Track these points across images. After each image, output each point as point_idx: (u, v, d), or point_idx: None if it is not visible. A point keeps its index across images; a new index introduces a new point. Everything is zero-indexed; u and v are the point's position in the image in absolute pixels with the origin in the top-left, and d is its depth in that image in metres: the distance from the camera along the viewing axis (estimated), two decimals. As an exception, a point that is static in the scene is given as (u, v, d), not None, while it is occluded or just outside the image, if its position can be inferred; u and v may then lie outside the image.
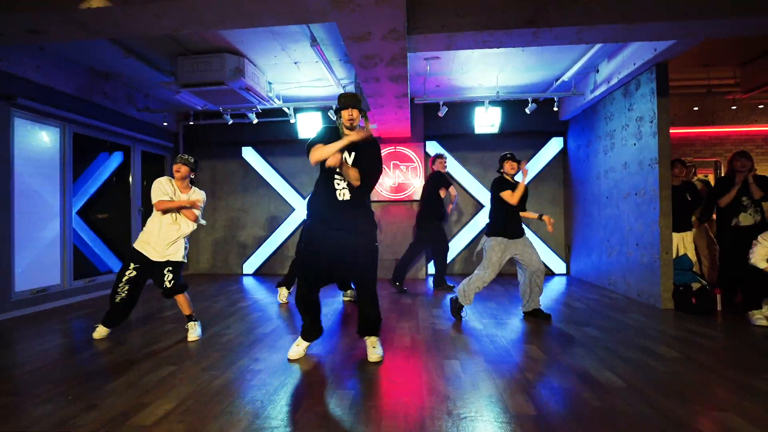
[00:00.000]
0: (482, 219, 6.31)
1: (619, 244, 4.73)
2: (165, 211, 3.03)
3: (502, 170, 3.63)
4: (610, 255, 4.96)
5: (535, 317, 3.61)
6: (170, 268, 3.07)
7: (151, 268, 3.08)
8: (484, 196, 6.29)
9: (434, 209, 5.02)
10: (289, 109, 5.70)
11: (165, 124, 5.93)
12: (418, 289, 5.22)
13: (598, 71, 4.89)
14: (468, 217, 6.34)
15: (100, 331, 3.14)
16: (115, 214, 5.68)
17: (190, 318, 3.16)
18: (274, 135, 6.50)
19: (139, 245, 3.07)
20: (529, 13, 2.98)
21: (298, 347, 2.65)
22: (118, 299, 3.03)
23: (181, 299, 3.12)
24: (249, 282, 5.90)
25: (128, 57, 4.12)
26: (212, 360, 2.62)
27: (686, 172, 4.46)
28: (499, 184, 3.59)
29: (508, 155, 3.61)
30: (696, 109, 5.87)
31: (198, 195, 3.18)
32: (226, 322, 3.58)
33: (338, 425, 1.79)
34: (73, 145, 4.73)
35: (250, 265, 6.66)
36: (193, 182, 3.23)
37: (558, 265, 6.25)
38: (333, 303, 4.37)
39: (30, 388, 2.23)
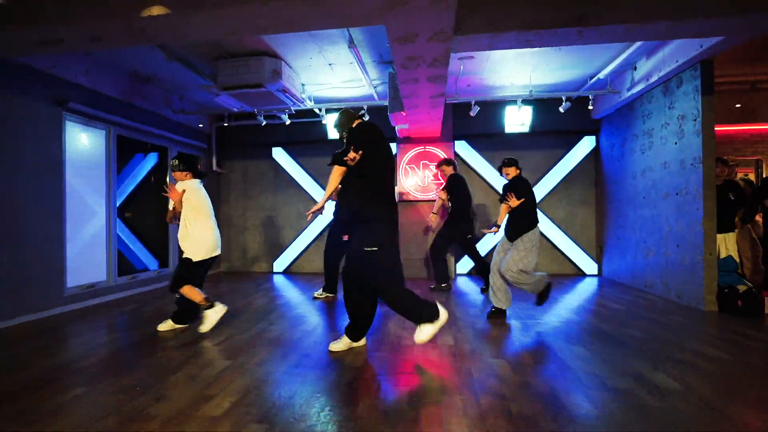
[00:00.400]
0: (511, 219, 6.26)
1: (657, 245, 4.63)
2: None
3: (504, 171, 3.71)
4: (647, 256, 4.86)
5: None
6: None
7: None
8: (513, 195, 6.24)
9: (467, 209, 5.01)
10: (321, 110, 5.78)
11: (201, 125, 6.09)
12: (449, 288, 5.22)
13: (635, 69, 4.80)
14: (494, 216, 6.30)
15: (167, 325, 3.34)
16: (152, 213, 5.86)
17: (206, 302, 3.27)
18: (304, 136, 6.60)
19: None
20: (578, 10, 2.95)
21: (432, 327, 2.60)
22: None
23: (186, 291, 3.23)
24: (280, 280, 6.01)
25: (171, 61, 4.26)
26: (264, 355, 2.70)
27: (728, 171, 4.34)
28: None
29: (504, 160, 3.70)
30: (738, 106, 5.69)
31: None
32: (269, 318, 3.67)
33: (398, 423, 1.83)
34: (117, 146, 4.91)
35: (281, 264, 6.78)
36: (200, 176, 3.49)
37: (589, 266, 6.15)
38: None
39: (100, 379, 2.34)
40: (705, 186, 3.87)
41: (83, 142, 4.45)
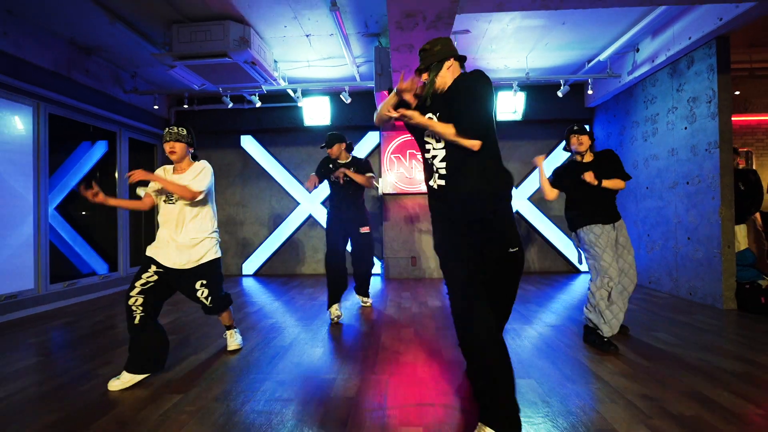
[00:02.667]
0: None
1: (664, 239, 4.32)
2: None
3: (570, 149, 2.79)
4: (651, 250, 4.55)
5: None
6: (203, 282, 2.35)
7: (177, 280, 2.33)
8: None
9: None
10: (296, 91, 5.15)
11: (156, 107, 5.31)
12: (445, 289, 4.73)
13: (638, 50, 4.47)
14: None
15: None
16: (100, 209, 5.06)
17: (229, 327, 2.63)
18: (277, 122, 5.93)
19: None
20: (602, -38, 2.51)
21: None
22: (136, 315, 2.14)
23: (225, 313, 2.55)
24: (250, 284, 5.33)
25: (114, 22, 3.53)
26: (226, 385, 2.09)
27: (735, 160, 4.07)
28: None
29: (573, 127, 2.76)
30: (738, 93, 5.51)
31: (196, 167, 2.36)
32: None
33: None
34: (51, 129, 4.11)
35: (251, 266, 6.09)
36: (195, 158, 2.44)
37: (585, 263, 5.83)
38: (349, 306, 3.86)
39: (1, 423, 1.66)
40: (722, 173, 3.56)
41: (4, 121, 3.63)
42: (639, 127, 4.75)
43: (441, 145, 1.73)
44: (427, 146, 1.78)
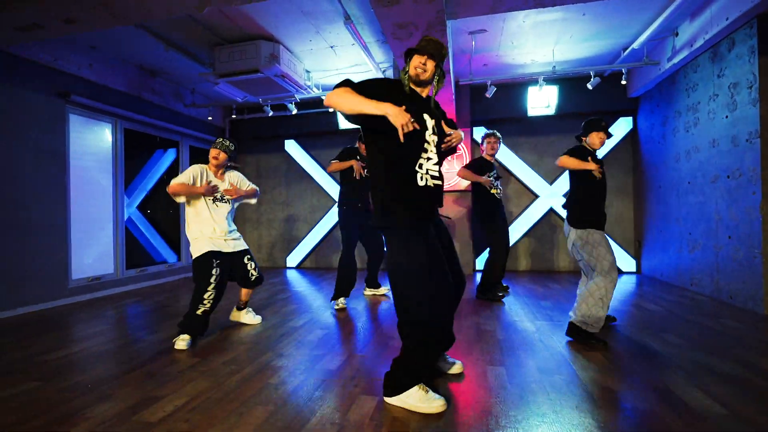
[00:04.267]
0: (536, 211, 5.75)
1: (705, 237, 4.00)
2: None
3: (584, 140, 2.78)
4: (693, 250, 4.22)
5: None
6: (249, 256, 3.01)
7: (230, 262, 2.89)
8: (539, 185, 5.73)
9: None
10: (327, 98, 5.54)
11: (210, 118, 6.05)
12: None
13: (677, 34, 4.16)
14: (520, 209, 5.80)
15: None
16: (172, 208, 5.89)
17: (244, 306, 3.21)
18: (315, 127, 6.41)
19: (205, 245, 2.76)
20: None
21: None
22: (200, 311, 2.66)
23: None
24: (292, 275, 5.86)
25: (169, 50, 4.18)
26: (235, 354, 2.49)
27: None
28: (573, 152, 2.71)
29: (603, 123, 2.71)
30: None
31: (234, 177, 2.99)
32: (261, 314, 3.47)
33: (355, 438, 1.53)
34: (126, 140, 4.94)
35: (294, 259, 6.65)
36: (229, 169, 3.01)
37: (627, 263, 5.51)
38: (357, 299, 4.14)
39: (56, 375, 2.22)
40: (764, 165, 3.24)
41: (89, 136, 4.48)
42: (681, 117, 4.41)
43: (435, 151, 1.85)
44: (426, 146, 1.82)
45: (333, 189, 6.46)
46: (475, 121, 5.85)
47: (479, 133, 5.82)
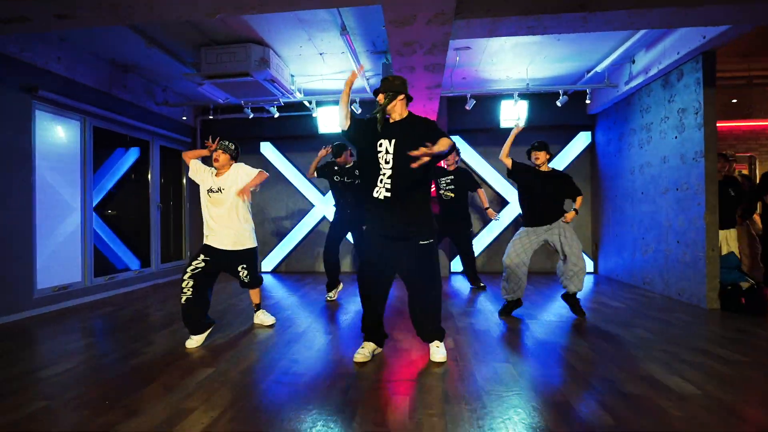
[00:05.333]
0: (507, 216, 6.15)
1: (656, 242, 4.54)
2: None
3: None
4: (645, 253, 4.77)
5: (569, 304, 3.52)
6: (244, 266, 3.07)
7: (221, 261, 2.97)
8: (509, 192, 6.13)
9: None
10: (311, 102, 5.57)
11: (184, 118, 5.82)
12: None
13: (634, 62, 4.70)
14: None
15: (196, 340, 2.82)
16: (133, 210, 5.58)
17: (258, 307, 3.31)
18: (294, 130, 6.37)
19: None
20: (581, -5, 2.80)
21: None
22: (183, 299, 2.76)
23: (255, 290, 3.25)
24: (268, 280, 5.78)
25: (151, 47, 4.00)
26: (250, 362, 2.49)
27: (728, 167, 4.26)
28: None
29: (535, 144, 3.59)
30: (735, 101, 5.64)
31: (235, 170, 3.00)
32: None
33: (402, 435, 1.64)
34: (95, 139, 4.62)
35: (269, 263, 6.55)
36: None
37: (586, 264, 6.05)
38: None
39: (65, 391, 2.11)
40: (707, 180, 3.78)
41: (56, 134, 4.15)
42: (636, 135, 4.97)
43: (390, 166, 2.32)
44: (379, 165, 2.36)
45: (310, 192, 6.45)
46: (451, 130, 6.13)
47: (455, 141, 6.10)
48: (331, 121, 5.95)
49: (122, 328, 3.31)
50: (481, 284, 4.86)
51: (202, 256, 2.86)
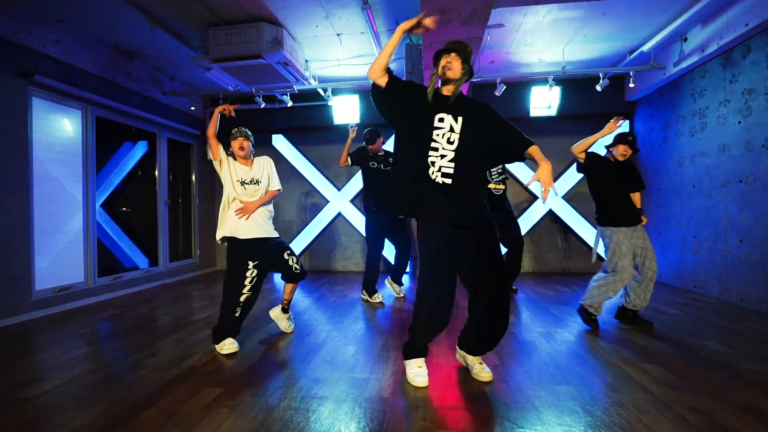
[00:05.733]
0: (535, 213, 5.71)
1: (712, 241, 4.07)
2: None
3: (610, 150, 3.12)
4: (697, 253, 4.29)
5: (632, 323, 3.04)
6: (288, 251, 2.77)
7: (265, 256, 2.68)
8: (536, 186, 5.68)
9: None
10: (326, 90, 5.19)
11: (192, 108, 5.51)
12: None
13: (686, 39, 4.21)
14: (519, 211, 5.73)
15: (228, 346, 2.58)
16: (141, 206, 5.31)
17: (286, 307, 2.98)
18: (307, 121, 6.01)
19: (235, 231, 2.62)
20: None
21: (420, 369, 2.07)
22: (238, 314, 2.57)
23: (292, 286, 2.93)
24: (280, 280, 5.43)
25: (155, 27, 3.67)
26: (263, 381, 2.14)
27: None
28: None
29: (630, 137, 3.03)
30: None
31: (267, 164, 2.78)
32: (268, 329, 3.10)
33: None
34: (97, 131, 4.33)
35: (282, 262, 6.21)
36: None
37: (622, 264, 5.58)
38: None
39: (59, 411, 1.78)
40: (781, 171, 3.30)
41: (55, 123, 3.86)
42: (685, 122, 4.48)
43: (453, 147, 1.92)
44: (435, 144, 1.93)
45: (325, 188, 6.10)
46: (475, 120, 5.70)
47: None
48: (347, 110, 5.58)
49: (124, 335, 3.00)
50: (513, 288, 4.44)
51: (251, 263, 2.59)
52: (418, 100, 1.98)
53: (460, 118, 1.93)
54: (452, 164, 1.91)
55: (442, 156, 1.91)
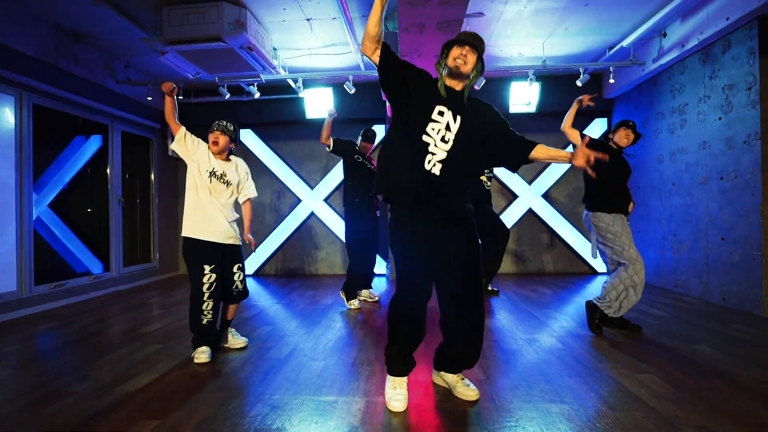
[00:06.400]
0: (515, 212, 5.57)
1: (692, 239, 4.00)
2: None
3: (611, 137, 2.96)
4: (677, 251, 4.23)
5: (619, 328, 2.86)
6: (240, 265, 2.56)
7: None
8: (516, 184, 5.55)
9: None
10: (296, 82, 4.87)
11: (149, 98, 5.05)
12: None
13: (665, 35, 4.13)
14: (498, 209, 5.58)
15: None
16: (93, 206, 4.82)
17: (227, 325, 2.68)
18: (278, 115, 5.66)
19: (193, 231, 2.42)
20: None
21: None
22: (204, 321, 2.36)
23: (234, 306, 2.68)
24: (250, 284, 5.06)
25: (99, 4, 3.26)
26: (211, 408, 1.81)
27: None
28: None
29: (631, 123, 2.89)
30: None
31: (243, 167, 2.63)
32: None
33: None
34: (38, 122, 3.85)
35: (250, 265, 5.83)
36: (232, 152, 2.61)
37: (602, 264, 5.52)
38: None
39: None
40: (764, 166, 3.23)
41: (-18, 111, 3.38)
42: (665, 119, 4.42)
43: (446, 147, 1.71)
44: (427, 138, 1.72)
45: (297, 186, 5.77)
46: (454, 116, 5.51)
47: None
48: (319, 103, 5.27)
49: (53, 354, 2.60)
50: (494, 289, 4.24)
51: (207, 267, 2.37)
52: (421, 86, 1.76)
53: (459, 117, 1.72)
54: (440, 165, 1.70)
55: (432, 153, 1.71)
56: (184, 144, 2.39)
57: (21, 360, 2.51)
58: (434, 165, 1.69)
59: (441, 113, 1.72)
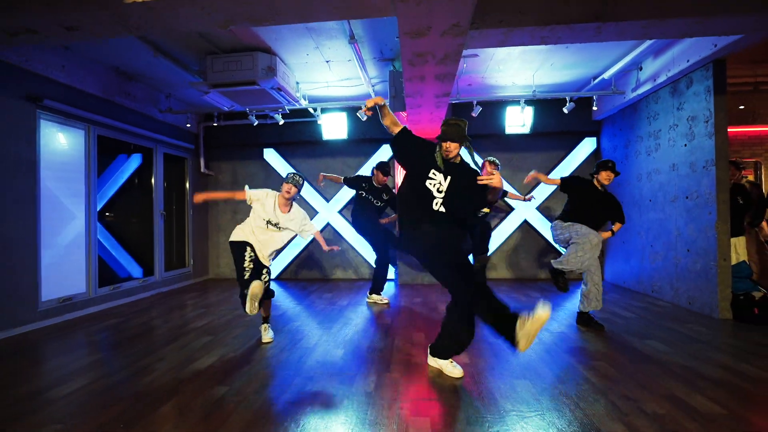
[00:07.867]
0: (511, 223, 6.12)
1: (665, 250, 4.52)
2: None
3: (595, 177, 3.58)
4: (654, 261, 4.75)
5: (585, 325, 3.43)
6: (267, 269, 3.19)
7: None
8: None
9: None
10: (316, 109, 5.53)
11: (188, 125, 5.77)
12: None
13: (641, 69, 4.68)
14: (495, 221, 6.14)
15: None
16: (136, 218, 5.53)
17: (266, 320, 3.30)
18: (297, 136, 6.33)
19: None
20: (595, 6, 2.78)
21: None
22: (247, 275, 2.98)
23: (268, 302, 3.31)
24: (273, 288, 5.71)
25: (158, 56, 3.96)
26: (263, 380, 2.44)
27: (738, 175, 4.25)
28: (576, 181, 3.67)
29: (609, 164, 3.52)
30: (743, 107, 5.64)
31: (300, 218, 3.26)
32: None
33: (428, 463, 1.60)
34: (98, 148, 4.58)
35: (272, 271, 6.49)
36: (294, 200, 3.26)
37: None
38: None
39: (77, 413, 2.06)
40: (718, 189, 3.76)
41: (60, 142, 4.10)
42: (643, 142, 4.95)
43: (441, 195, 2.40)
44: (430, 183, 2.43)
45: (314, 199, 6.41)
46: (456, 136, 6.09)
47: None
48: (335, 126, 5.93)
49: (129, 342, 3.26)
50: None
51: (248, 249, 3.04)
52: (423, 154, 2.45)
53: (449, 178, 2.41)
54: (442, 206, 2.41)
55: (434, 198, 2.42)
56: (253, 205, 3.14)
57: (102, 347, 3.18)
58: (440, 206, 2.40)
59: (435, 174, 2.42)
